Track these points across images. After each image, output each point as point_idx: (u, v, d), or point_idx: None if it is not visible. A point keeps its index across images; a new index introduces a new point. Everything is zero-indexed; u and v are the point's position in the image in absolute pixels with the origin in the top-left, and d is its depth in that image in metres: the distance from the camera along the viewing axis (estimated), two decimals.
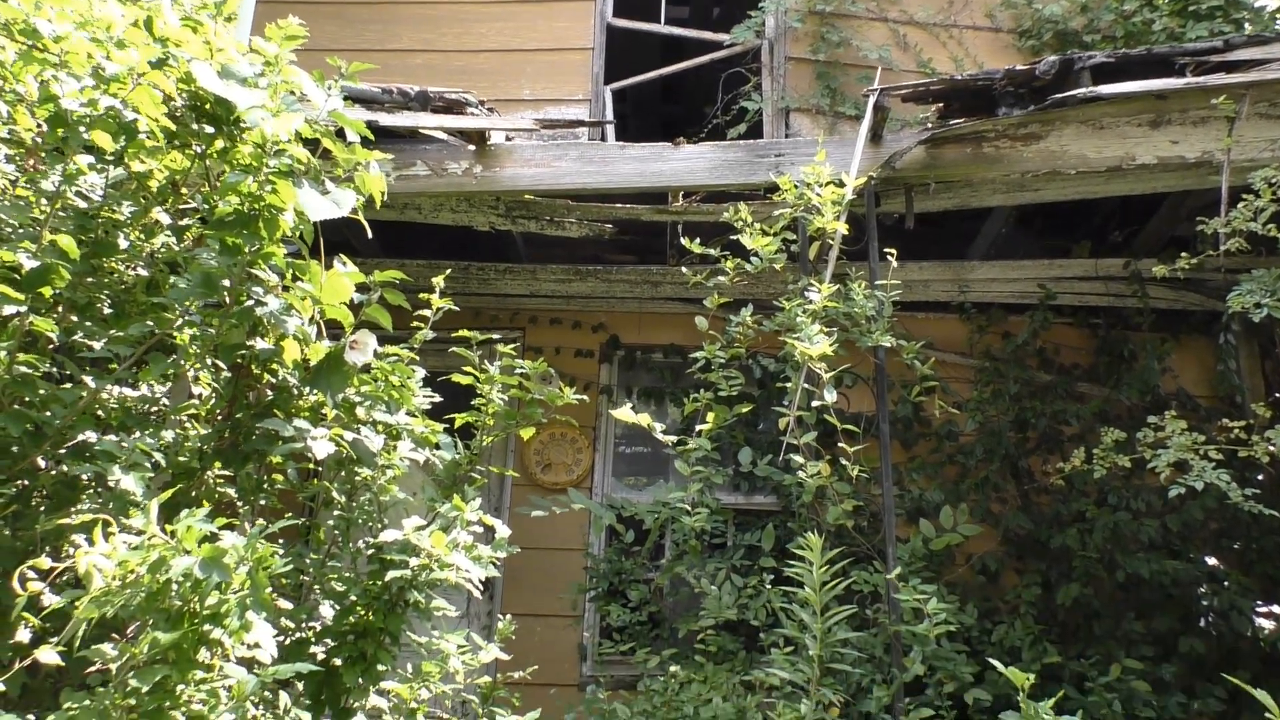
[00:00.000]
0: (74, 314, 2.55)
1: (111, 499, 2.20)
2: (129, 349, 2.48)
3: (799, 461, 3.59)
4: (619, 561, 4.74)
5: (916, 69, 5.51)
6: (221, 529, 1.91)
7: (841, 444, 3.56)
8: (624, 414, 3.78)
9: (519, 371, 3.25)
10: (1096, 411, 5.03)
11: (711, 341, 3.86)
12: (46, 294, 2.40)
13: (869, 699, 3.53)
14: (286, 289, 2.55)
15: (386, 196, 2.76)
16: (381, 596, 2.53)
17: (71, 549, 1.80)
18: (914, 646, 3.50)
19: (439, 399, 2.96)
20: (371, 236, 2.88)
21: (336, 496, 2.88)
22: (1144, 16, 5.43)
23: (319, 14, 5.34)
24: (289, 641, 2.55)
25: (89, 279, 2.56)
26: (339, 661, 2.49)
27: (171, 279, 2.44)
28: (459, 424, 3.18)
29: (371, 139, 2.72)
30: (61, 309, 2.52)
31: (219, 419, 2.69)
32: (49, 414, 2.35)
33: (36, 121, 2.46)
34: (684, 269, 4.41)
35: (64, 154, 2.44)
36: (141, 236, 2.70)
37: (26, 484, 2.40)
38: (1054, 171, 4.13)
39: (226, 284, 2.44)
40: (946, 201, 4.48)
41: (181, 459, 2.52)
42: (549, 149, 4.38)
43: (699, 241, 3.98)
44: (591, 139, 5.29)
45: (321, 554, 2.82)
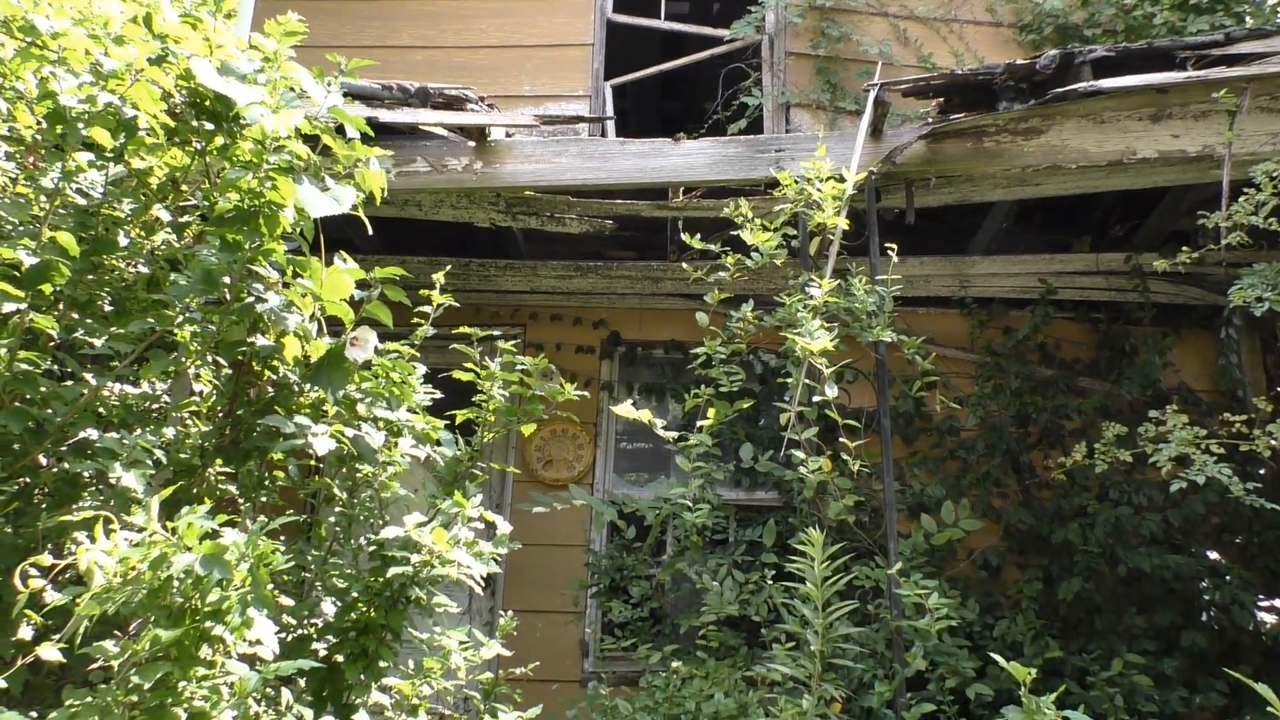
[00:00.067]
0: (74, 311, 2.54)
1: (113, 496, 2.20)
2: (130, 346, 2.47)
3: (800, 457, 3.59)
4: (620, 557, 4.74)
5: (917, 64, 5.51)
6: (223, 526, 1.91)
7: (843, 439, 3.56)
8: (625, 410, 3.78)
9: (520, 368, 3.25)
10: (1098, 406, 5.03)
11: (712, 337, 3.86)
12: (47, 291, 2.40)
13: (871, 694, 3.53)
14: (287, 286, 2.54)
15: (387, 193, 2.76)
16: (383, 593, 2.53)
17: (73, 546, 1.80)
18: (916, 642, 3.50)
19: (440, 395, 2.96)
20: (372, 233, 2.88)
21: (338, 493, 2.88)
22: (1145, 10, 5.42)
23: (319, 10, 5.32)
24: (291, 638, 2.56)
25: (89, 276, 2.56)
26: (341, 658, 2.49)
27: (172, 276, 2.44)
28: (460, 420, 3.18)
29: (372, 135, 2.71)
30: (62, 306, 2.52)
31: (220, 416, 2.70)
32: (50, 411, 2.34)
33: (36, 119, 2.45)
34: (684, 265, 4.41)
35: (63, 151, 2.44)
36: (142, 233, 2.69)
37: (28, 481, 2.40)
38: (1055, 166, 4.12)
39: (227, 281, 2.44)
40: (947, 196, 4.48)
41: (182, 456, 2.52)
42: (549, 145, 4.38)
43: (699, 237, 3.98)
44: (592, 135, 5.27)
45: (323, 550, 2.82)
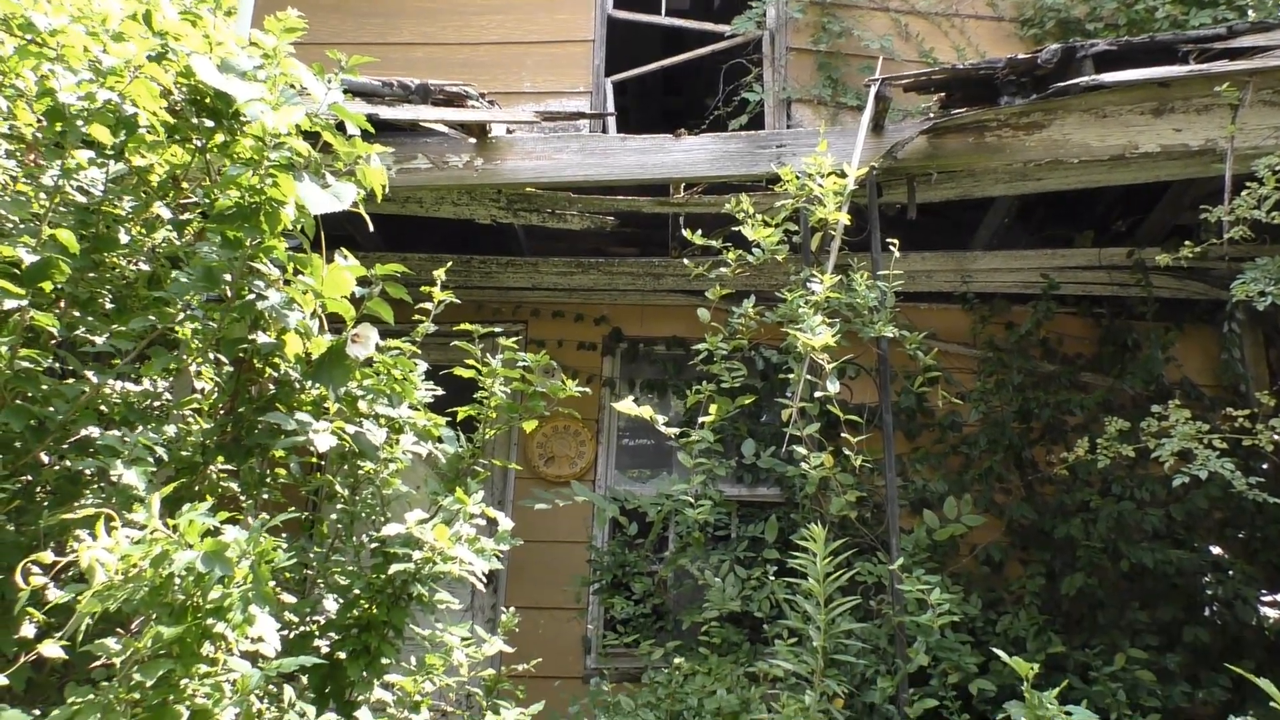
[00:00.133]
0: (75, 309, 2.55)
1: (114, 494, 2.20)
2: (131, 344, 2.47)
3: (802, 453, 3.59)
4: (622, 554, 4.74)
5: (918, 59, 5.49)
6: (224, 523, 1.91)
7: (845, 435, 3.55)
8: (626, 406, 3.78)
9: (521, 364, 3.25)
10: (1100, 401, 5.02)
11: (714, 333, 3.85)
12: (48, 289, 2.40)
13: (873, 690, 3.53)
14: (288, 283, 2.54)
15: (388, 190, 2.76)
16: (385, 590, 2.53)
17: (75, 544, 1.80)
18: (918, 637, 3.50)
19: (441, 392, 2.96)
20: (373, 230, 2.88)
21: (339, 490, 2.89)
22: (1146, 4, 5.40)
23: (319, 7, 5.32)
24: (293, 635, 2.56)
25: (90, 274, 2.56)
26: (343, 655, 2.49)
27: (173, 273, 2.44)
28: (462, 417, 3.18)
29: (372, 132, 2.71)
30: (63, 304, 2.52)
31: (221, 413, 2.70)
32: (51, 409, 2.35)
33: (35, 116, 2.45)
34: (686, 261, 4.39)
35: (63, 148, 2.43)
36: (142, 231, 2.69)
37: (29, 479, 2.40)
38: (1057, 160, 4.11)
39: (228, 278, 2.44)
40: (949, 191, 4.47)
41: (184, 453, 2.52)
42: (550, 141, 4.37)
43: (701, 233, 3.97)
44: (593, 131, 5.27)
45: (325, 547, 2.82)
